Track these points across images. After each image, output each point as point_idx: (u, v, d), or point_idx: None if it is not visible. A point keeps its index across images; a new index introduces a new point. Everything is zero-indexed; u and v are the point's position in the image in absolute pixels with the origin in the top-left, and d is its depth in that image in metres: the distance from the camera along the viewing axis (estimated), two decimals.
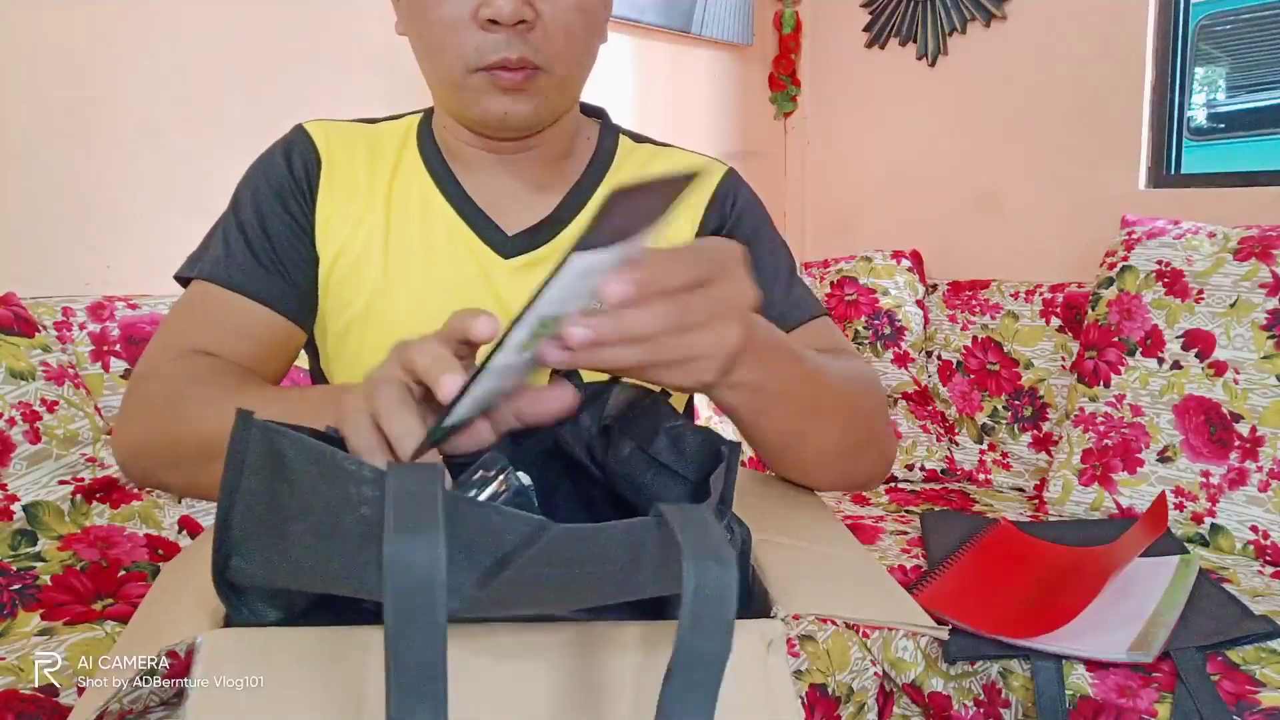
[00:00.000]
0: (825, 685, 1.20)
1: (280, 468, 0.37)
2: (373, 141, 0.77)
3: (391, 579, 0.30)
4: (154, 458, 0.63)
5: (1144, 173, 1.99)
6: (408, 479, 0.33)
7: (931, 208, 2.34)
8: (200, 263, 0.73)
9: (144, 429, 0.64)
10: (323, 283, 0.74)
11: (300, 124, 0.77)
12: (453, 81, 0.67)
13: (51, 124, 1.41)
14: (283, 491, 0.37)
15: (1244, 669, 1.07)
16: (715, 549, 0.33)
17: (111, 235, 1.48)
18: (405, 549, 0.30)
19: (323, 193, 0.74)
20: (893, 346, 2.09)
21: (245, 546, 0.37)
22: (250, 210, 0.73)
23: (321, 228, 0.74)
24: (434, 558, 0.30)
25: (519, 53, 0.64)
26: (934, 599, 1.26)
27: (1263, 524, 1.46)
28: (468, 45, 0.64)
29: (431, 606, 0.30)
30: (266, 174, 0.74)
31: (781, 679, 0.41)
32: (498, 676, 0.37)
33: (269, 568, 0.38)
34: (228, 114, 1.57)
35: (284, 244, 0.72)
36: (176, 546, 1.25)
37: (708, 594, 0.32)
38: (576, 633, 0.39)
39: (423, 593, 0.30)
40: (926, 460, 2.00)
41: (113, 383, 1.33)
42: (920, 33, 2.32)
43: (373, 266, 0.73)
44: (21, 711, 0.91)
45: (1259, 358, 1.52)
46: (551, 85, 0.67)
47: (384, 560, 0.30)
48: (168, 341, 0.69)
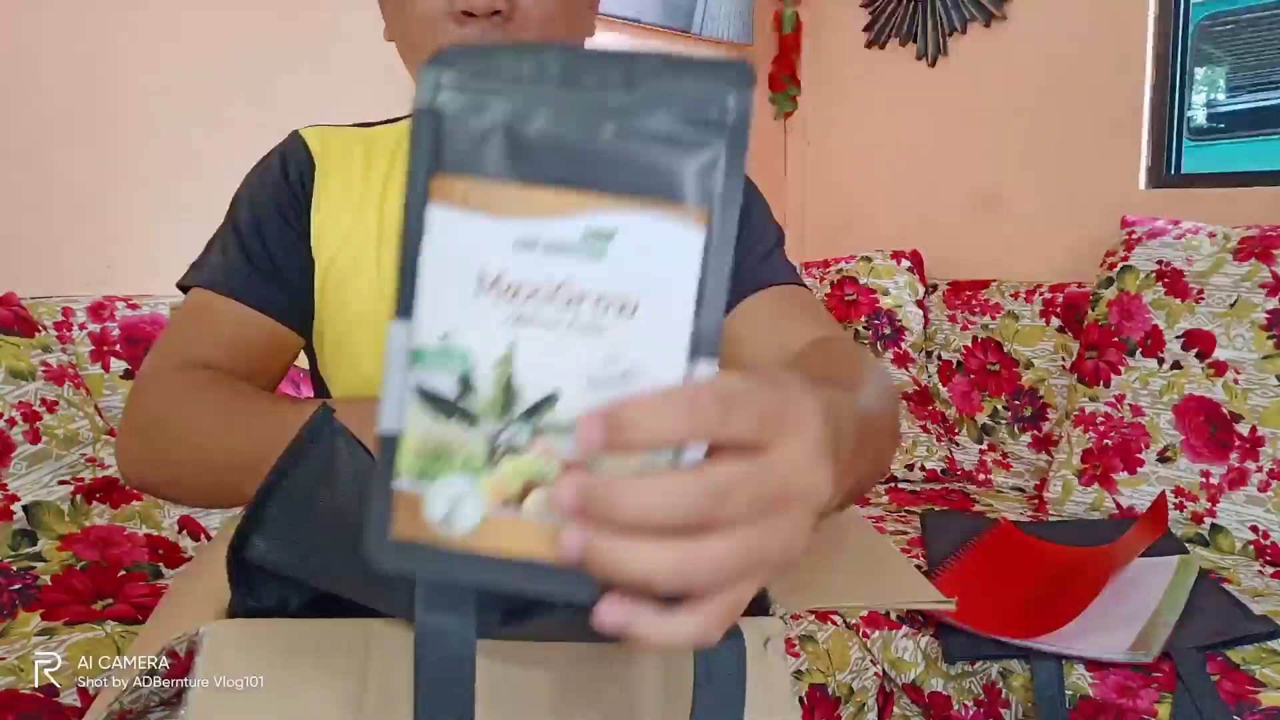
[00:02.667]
0: (825, 685, 1.20)
1: (329, 470, 0.37)
2: (368, 146, 0.77)
3: (423, 651, 0.30)
4: (152, 473, 0.65)
5: (1144, 173, 1.99)
6: None
7: (931, 208, 2.34)
8: (200, 270, 0.73)
9: (141, 445, 0.65)
10: (319, 288, 0.74)
11: (296, 130, 0.77)
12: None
13: (52, 124, 1.41)
14: (324, 492, 0.37)
15: (1244, 669, 1.07)
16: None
17: (111, 235, 1.48)
18: (437, 622, 0.30)
19: (317, 198, 0.74)
20: (893, 346, 2.09)
21: (271, 528, 0.38)
22: (246, 217, 0.73)
23: (317, 233, 0.74)
24: (466, 637, 0.31)
25: (493, 43, 0.63)
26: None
27: (1263, 524, 1.46)
28: (444, 39, 0.63)
29: (462, 680, 0.30)
30: (262, 181, 0.75)
31: (779, 676, 0.41)
32: (515, 689, 0.38)
33: (287, 555, 0.38)
34: (228, 114, 1.57)
35: (280, 250, 0.73)
36: (176, 546, 1.25)
37: (718, 665, 0.33)
38: (599, 650, 0.39)
39: (453, 667, 0.30)
40: (926, 460, 2.00)
41: (113, 383, 1.33)
42: (920, 33, 2.32)
43: (367, 271, 0.73)
44: (21, 711, 0.91)
45: (1259, 358, 1.52)
46: None
47: (416, 632, 0.30)
48: (166, 351, 0.70)
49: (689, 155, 0.28)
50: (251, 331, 0.71)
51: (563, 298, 0.28)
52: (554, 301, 0.28)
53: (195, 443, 0.61)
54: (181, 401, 0.64)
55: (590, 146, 0.28)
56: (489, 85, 0.29)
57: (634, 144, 0.28)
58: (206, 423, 0.61)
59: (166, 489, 0.66)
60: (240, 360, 0.70)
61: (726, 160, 0.29)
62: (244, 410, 0.60)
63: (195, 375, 0.66)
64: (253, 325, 0.71)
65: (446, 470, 0.29)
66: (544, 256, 0.28)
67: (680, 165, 0.28)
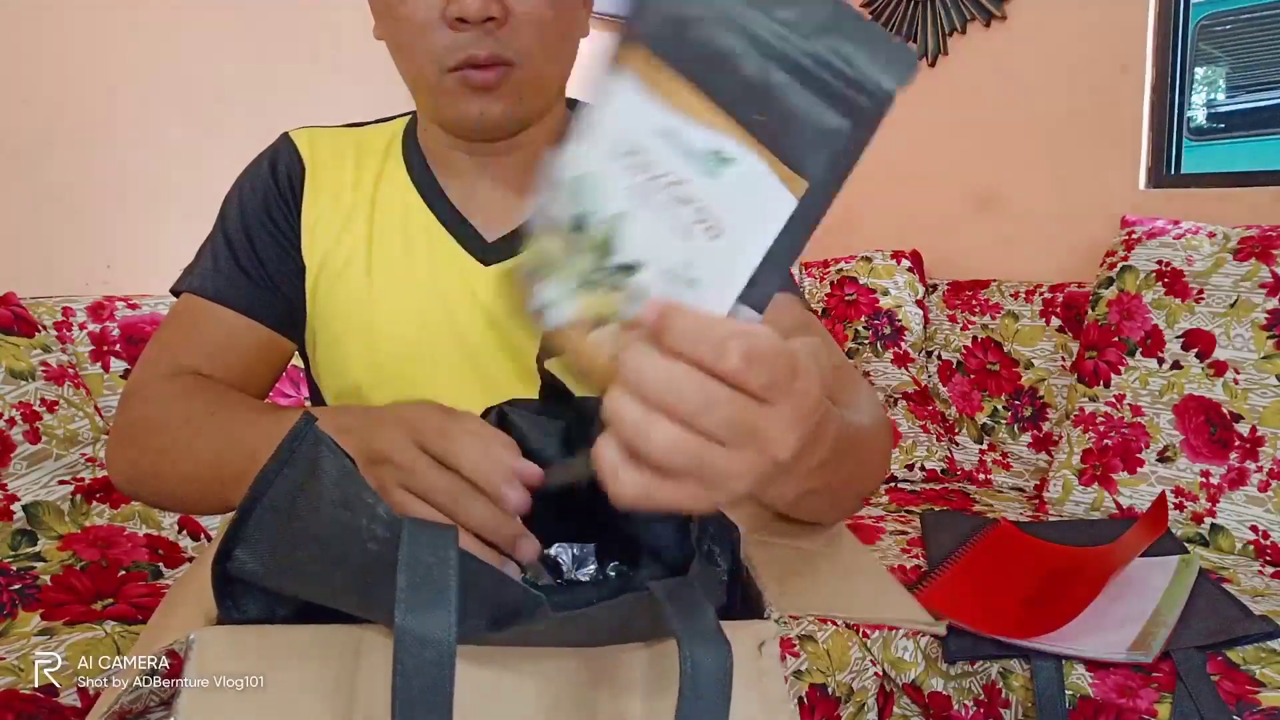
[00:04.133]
0: (825, 685, 1.20)
1: (312, 478, 0.37)
2: (359, 147, 0.77)
3: (402, 654, 0.30)
4: (140, 483, 0.65)
5: (1144, 173, 1.98)
6: (422, 546, 0.33)
7: (931, 208, 2.33)
8: (190, 276, 0.73)
9: (129, 455, 0.65)
10: (309, 291, 0.74)
11: (286, 132, 0.77)
12: (427, 85, 0.66)
13: (52, 125, 1.41)
14: (304, 502, 0.37)
15: (1244, 669, 1.07)
16: (708, 631, 0.34)
17: (111, 235, 1.48)
18: (417, 622, 0.31)
19: (307, 200, 0.74)
20: (893, 346, 2.09)
21: (254, 540, 0.38)
22: (236, 222, 0.73)
23: (307, 236, 0.73)
24: (446, 640, 0.31)
25: (488, 50, 0.63)
26: (934, 599, 1.26)
27: (1263, 524, 1.46)
28: (438, 45, 0.63)
29: (441, 686, 0.31)
30: (252, 185, 0.75)
31: (774, 680, 0.41)
32: (502, 697, 0.38)
33: (269, 566, 0.38)
34: (227, 115, 1.57)
35: (270, 255, 0.73)
36: (177, 546, 1.25)
37: (703, 677, 0.33)
38: (584, 659, 0.39)
39: (433, 671, 0.30)
40: (926, 460, 2.00)
41: (112, 383, 1.33)
42: (920, 33, 2.32)
43: (357, 274, 0.73)
44: (21, 711, 0.91)
45: (1259, 358, 1.52)
46: (526, 82, 0.66)
47: (395, 635, 0.30)
48: (156, 357, 0.70)
49: (818, 125, 0.33)
50: (241, 338, 0.71)
51: (676, 194, 0.34)
52: (668, 192, 0.34)
53: (179, 453, 0.61)
54: (166, 411, 0.64)
55: (750, 75, 0.33)
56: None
57: (783, 92, 0.33)
58: (189, 433, 0.61)
59: (156, 498, 0.66)
60: (231, 367, 0.70)
61: (846, 145, 0.33)
62: (227, 419, 0.60)
63: (180, 384, 0.66)
64: (243, 331, 0.71)
65: (550, 275, 0.37)
66: (677, 152, 0.34)
67: (807, 131, 0.33)
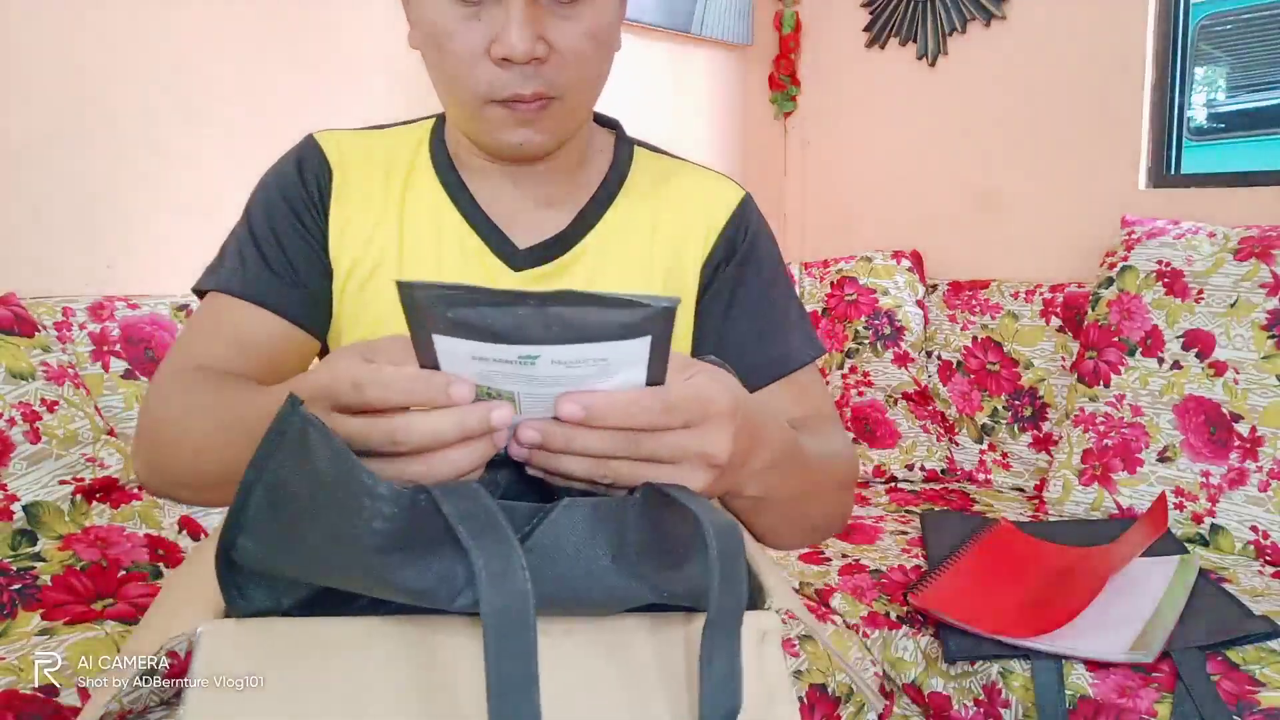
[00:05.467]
0: (825, 685, 1.20)
1: (304, 460, 0.37)
2: (386, 151, 0.77)
3: (488, 595, 0.33)
4: (159, 477, 0.67)
5: (1144, 173, 1.98)
6: (462, 501, 0.37)
7: (931, 208, 2.33)
8: (216, 274, 0.74)
9: (146, 451, 0.67)
10: (338, 294, 0.75)
11: (311, 134, 0.77)
12: (469, 112, 0.67)
13: (51, 124, 1.41)
14: (300, 484, 0.37)
15: (1244, 669, 1.07)
16: (723, 516, 0.38)
17: (111, 235, 1.48)
18: (498, 566, 0.34)
19: (335, 205, 0.74)
20: (893, 346, 2.09)
21: (256, 527, 0.38)
22: (263, 221, 0.74)
23: (335, 240, 0.74)
24: (521, 575, 0.34)
25: (533, 88, 0.64)
26: (934, 599, 1.26)
27: (1263, 524, 1.46)
28: (482, 80, 0.64)
29: (525, 619, 0.33)
30: (279, 185, 0.75)
31: (776, 670, 0.41)
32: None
33: (274, 552, 0.38)
34: (228, 115, 1.57)
35: (298, 254, 0.73)
36: (176, 546, 1.25)
37: (729, 553, 0.37)
38: (613, 623, 0.42)
39: (518, 603, 0.33)
40: (926, 460, 2.00)
41: (113, 383, 1.33)
42: (920, 33, 2.32)
43: (388, 278, 0.73)
44: (21, 711, 0.91)
45: (1259, 358, 1.52)
46: (566, 111, 0.68)
47: (478, 576, 0.33)
48: (181, 354, 0.71)
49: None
50: (268, 334, 0.71)
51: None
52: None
53: (189, 444, 0.62)
54: (176, 405, 0.65)
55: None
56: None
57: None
58: (196, 423, 0.62)
59: (174, 491, 0.68)
60: (256, 363, 0.70)
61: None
62: (228, 407, 0.61)
63: (190, 377, 0.67)
64: (269, 328, 0.72)
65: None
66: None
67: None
